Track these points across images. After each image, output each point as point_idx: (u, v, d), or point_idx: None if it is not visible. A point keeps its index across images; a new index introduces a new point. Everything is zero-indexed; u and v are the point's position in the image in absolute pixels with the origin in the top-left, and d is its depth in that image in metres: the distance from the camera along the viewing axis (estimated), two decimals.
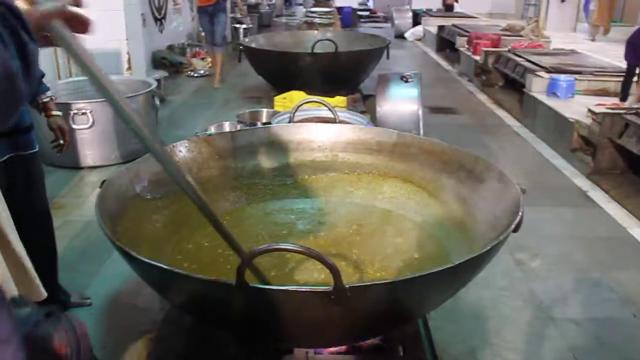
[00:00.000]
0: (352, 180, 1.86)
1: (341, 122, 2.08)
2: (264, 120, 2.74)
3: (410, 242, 1.59)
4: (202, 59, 6.63)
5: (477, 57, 6.50)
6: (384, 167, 1.83)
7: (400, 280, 1.05)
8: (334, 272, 0.97)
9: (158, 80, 4.95)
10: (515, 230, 1.21)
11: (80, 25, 0.71)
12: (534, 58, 5.51)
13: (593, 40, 8.31)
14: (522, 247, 2.65)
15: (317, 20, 6.99)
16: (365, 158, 1.85)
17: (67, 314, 0.75)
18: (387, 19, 12.26)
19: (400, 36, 10.22)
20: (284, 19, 12.38)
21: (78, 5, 0.71)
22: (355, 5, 13.07)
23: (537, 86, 4.81)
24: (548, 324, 2.11)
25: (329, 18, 7.22)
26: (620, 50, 4.56)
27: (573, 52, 6.13)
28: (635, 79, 4.19)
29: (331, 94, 3.41)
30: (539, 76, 4.88)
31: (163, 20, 6.56)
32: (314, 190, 1.88)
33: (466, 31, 7.64)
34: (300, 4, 15.68)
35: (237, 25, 8.33)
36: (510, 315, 2.17)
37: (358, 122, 2.32)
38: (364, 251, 1.56)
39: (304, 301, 1.02)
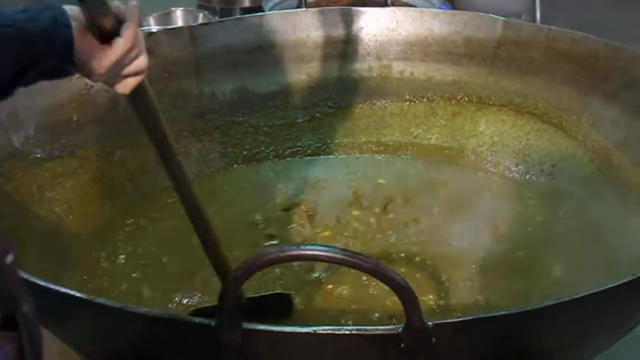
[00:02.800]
0: (418, 112, 1.85)
1: (397, 3, 2.06)
2: (248, 3, 2.68)
3: (536, 232, 1.57)
4: None
5: None
6: (478, 87, 1.81)
7: (529, 311, 1.00)
8: (408, 298, 0.91)
9: None
10: None
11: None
12: None
13: None
14: None
15: None
16: (442, 71, 1.84)
17: None
18: None
19: None
20: None
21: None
22: None
23: None
24: None
25: None
26: None
27: None
28: None
29: None
30: None
31: None
32: (347, 134, 1.87)
33: None
34: None
35: None
36: None
37: (425, 2, 2.29)
38: (447, 251, 1.54)
39: (349, 353, 0.99)
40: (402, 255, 1.52)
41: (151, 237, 1.58)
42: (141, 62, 0.99)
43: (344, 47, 1.86)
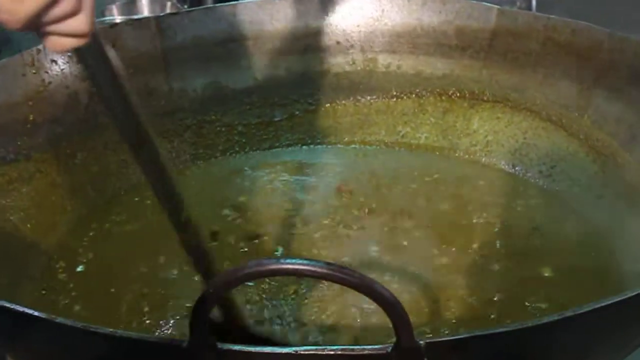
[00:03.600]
0: (406, 109, 1.85)
1: None
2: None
3: (534, 238, 1.56)
4: None
5: None
6: (471, 82, 1.80)
7: (530, 327, 0.95)
8: (398, 315, 0.89)
9: None
10: None
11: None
12: None
13: None
14: None
15: None
16: (432, 64, 1.82)
17: None
18: None
19: None
20: None
21: None
22: None
23: None
24: None
25: None
26: None
27: None
28: None
29: None
30: None
31: None
32: (329, 133, 1.88)
33: None
34: None
35: None
36: None
37: None
38: (439, 261, 1.52)
39: None
40: (391, 266, 1.51)
41: (115, 242, 1.57)
42: (76, 22, 0.85)
43: (325, 39, 1.86)
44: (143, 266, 1.50)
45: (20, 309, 1.00)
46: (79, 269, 1.50)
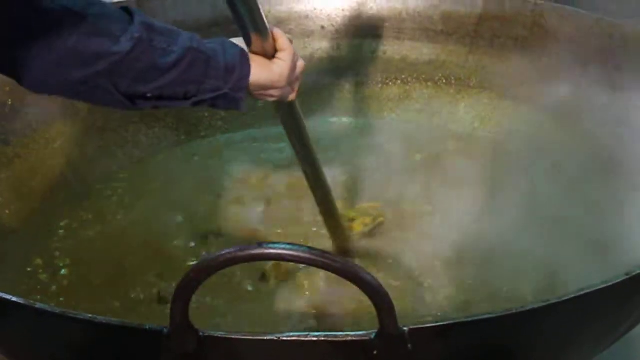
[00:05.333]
0: (392, 95, 1.88)
1: None
2: None
3: (523, 227, 1.54)
4: None
5: None
6: (458, 68, 1.84)
7: (514, 314, 0.97)
8: (382, 302, 0.90)
9: None
10: None
11: None
12: None
13: None
14: None
15: None
16: (418, 50, 1.86)
17: None
18: None
19: None
20: None
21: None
22: None
23: None
24: None
25: None
26: None
27: None
28: None
29: None
30: None
31: None
32: (312, 119, 1.84)
33: None
34: None
35: None
36: None
37: None
38: (425, 248, 1.53)
39: None
40: (375, 253, 1.52)
41: (92, 232, 1.57)
42: (302, 63, 1.22)
43: (309, 24, 1.86)
44: (121, 259, 1.49)
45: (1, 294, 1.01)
46: (59, 255, 1.50)
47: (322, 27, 1.86)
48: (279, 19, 1.87)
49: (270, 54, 1.17)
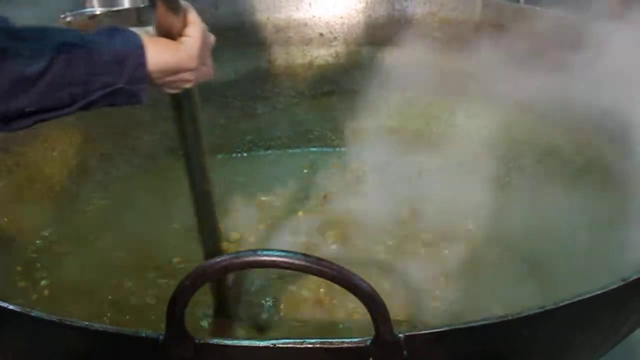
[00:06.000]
0: (390, 103, 1.85)
1: None
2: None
3: (517, 231, 1.56)
4: None
5: None
6: (456, 75, 1.82)
7: (509, 321, 0.97)
8: (377, 308, 0.90)
9: None
10: None
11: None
12: None
13: None
14: None
15: None
16: (416, 57, 1.84)
17: None
18: None
19: None
20: None
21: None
22: None
23: None
24: None
25: None
26: None
27: None
28: None
29: None
30: None
31: None
32: (307, 129, 1.87)
33: None
34: None
35: None
36: None
37: None
38: (419, 254, 1.55)
39: None
40: (370, 259, 1.53)
41: (93, 237, 1.57)
42: (212, 38, 1.10)
43: (307, 31, 1.86)
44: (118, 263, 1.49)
45: None
46: (59, 262, 1.50)
47: (321, 35, 1.85)
48: (277, 27, 1.87)
49: (177, 31, 1.03)
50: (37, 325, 1.03)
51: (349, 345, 0.94)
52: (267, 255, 0.94)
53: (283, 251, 0.93)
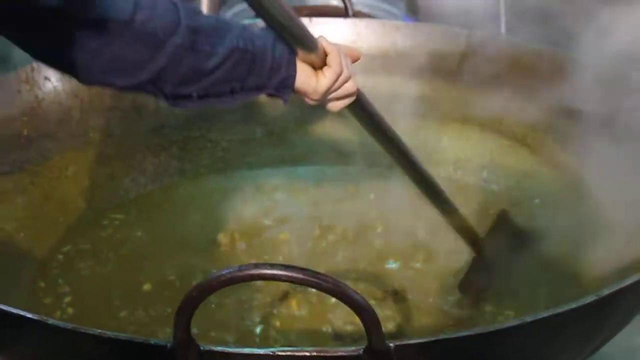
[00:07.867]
0: None
1: (358, 14, 2.06)
2: (205, 12, 2.63)
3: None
4: None
5: None
6: (442, 102, 1.81)
7: (495, 331, 1.01)
8: (369, 319, 0.93)
9: None
10: None
11: None
12: None
13: None
14: None
15: None
16: (405, 85, 1.83)
17: None
18: None
19: None
20: None
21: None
22: None
23: None
24: None
25: None
26: None
27: None
28: None
29: None
30: None
31: None
32: (305, 149, 1.89)
33: None
34: None
35: None
36: None
37: (388, 14, 2.35)
38: (410, 268, 1.55)
39: None
40: (365, 272, 1.53)
41: (106, 254, 1.59)
42: (349, 85, 1.18)
43: None
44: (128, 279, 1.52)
45: (14, 310, 1.03)
46: (75, 277, 1.53)
47: None
48: None
49: (318, 65, 1.14)
50: (53, 333, 1.04)
51: (343, 354, 0.97)
52: (269, 269, 0.96)
53: (283, 265, 0.95)
